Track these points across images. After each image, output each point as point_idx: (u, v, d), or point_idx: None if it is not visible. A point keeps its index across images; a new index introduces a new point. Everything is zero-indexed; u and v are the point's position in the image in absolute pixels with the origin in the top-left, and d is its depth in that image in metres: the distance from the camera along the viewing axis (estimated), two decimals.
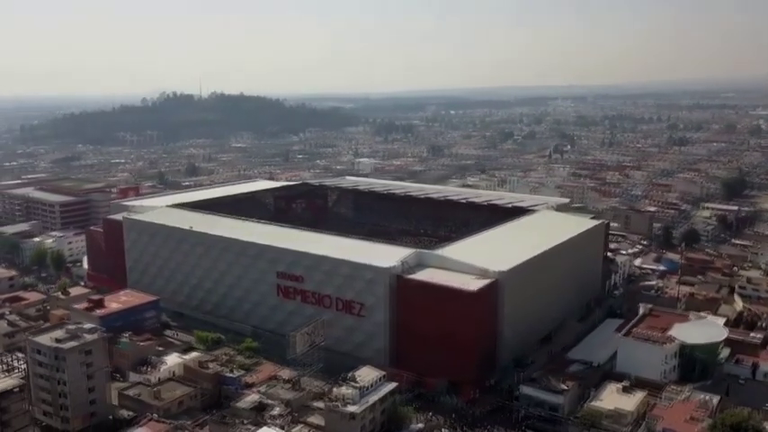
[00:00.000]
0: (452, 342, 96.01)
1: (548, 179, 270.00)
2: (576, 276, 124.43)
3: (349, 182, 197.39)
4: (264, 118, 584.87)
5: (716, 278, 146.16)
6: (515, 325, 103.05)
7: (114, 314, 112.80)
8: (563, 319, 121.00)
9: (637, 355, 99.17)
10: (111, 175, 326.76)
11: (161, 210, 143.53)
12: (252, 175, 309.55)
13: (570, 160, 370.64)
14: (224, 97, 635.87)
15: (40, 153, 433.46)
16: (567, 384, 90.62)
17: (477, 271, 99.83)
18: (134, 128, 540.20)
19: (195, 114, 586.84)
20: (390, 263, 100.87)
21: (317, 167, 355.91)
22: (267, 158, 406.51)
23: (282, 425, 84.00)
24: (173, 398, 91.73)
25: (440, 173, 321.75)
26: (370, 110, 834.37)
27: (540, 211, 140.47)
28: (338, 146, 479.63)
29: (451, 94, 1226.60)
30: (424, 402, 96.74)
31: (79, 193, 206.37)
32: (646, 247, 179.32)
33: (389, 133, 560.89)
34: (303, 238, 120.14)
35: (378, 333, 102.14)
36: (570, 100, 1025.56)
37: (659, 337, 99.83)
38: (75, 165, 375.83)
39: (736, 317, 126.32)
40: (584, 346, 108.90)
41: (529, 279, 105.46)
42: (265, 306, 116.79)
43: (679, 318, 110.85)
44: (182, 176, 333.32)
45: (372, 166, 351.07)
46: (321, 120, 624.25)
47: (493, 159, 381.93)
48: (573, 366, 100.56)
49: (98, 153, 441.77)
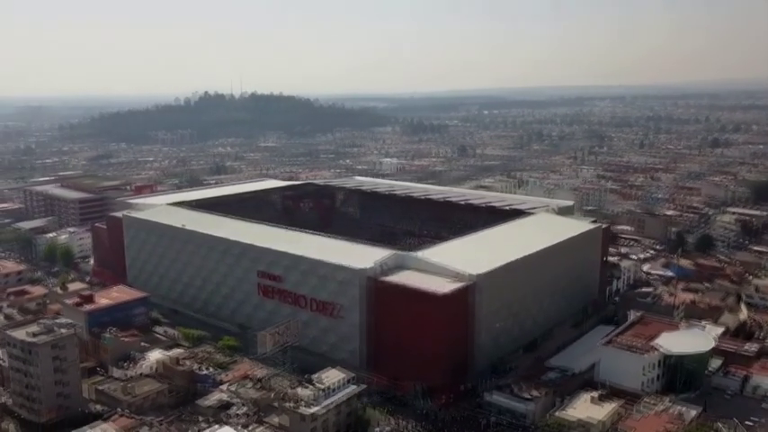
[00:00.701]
0: (423, 345, 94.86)
1: (566, 181, 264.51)
2: (570, 281, 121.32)
3: (357, 182, 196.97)
4: (295, 118, 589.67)
5: (723, 285, 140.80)
6: (493, 329, 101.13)
7: (102, 310, 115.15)
8: (553, 324, 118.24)
9: (617, 364, 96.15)
10: (138, 173, 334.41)
11: (161, 208, 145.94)
12: (274, 175, 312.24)
13: (599, 162, 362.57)
14: (257, 97, 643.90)
15: (75, 151, 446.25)
16: (536, 392, 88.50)
17: (453, 274, 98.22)
18: (169, 127, 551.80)
19: (228, 114, 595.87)
20: (365, 264, 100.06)
21: (339, 167, 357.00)
22: (293, 158, 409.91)
23: (244, 424, 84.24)
24: (143, 394, 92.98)
25: (460, 173, 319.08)
26: (406, 110, 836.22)
27: (538, 214, 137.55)
28: (366, 146, 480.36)
29: (491, 93, 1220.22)
30: (397, 406, 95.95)
31: (97, 190, 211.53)
32: (658, 253, 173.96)
33: (420, 133, 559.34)
34: (289, 237, 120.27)
35: (352, 335, 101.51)
36: (609, 100, 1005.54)
37: (641, 346, 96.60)
38: (107, 162, 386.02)
39: (738, 326, 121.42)
40: (568, 353, 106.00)
41: (510, 283, 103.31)
42: (249, 305, 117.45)
43: (669, 326, 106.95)
44: (207, 175, 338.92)
45: (395, 166, 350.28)
46: (352, 120, 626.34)
47: (519, 160, 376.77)
48: (550, 374, 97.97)
49: (131, 151, 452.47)
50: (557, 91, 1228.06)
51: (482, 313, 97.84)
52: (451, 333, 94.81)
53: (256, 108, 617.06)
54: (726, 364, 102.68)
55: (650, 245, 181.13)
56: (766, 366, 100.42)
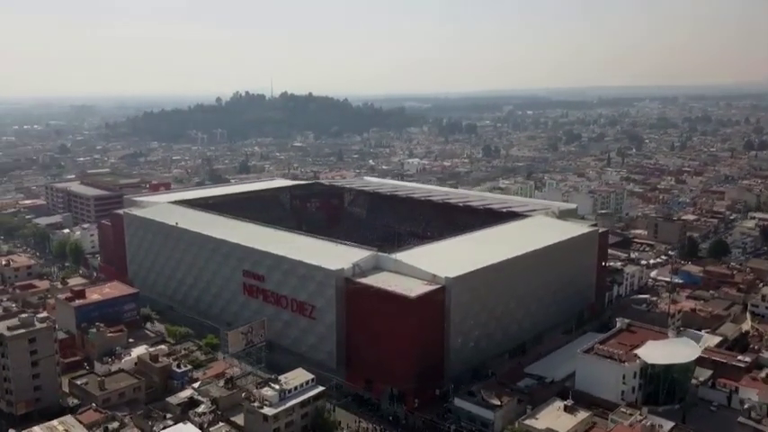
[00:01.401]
0: (394, 348, 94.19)
1: (584, 184, 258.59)
2: (562, 285, 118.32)
3: (364, 183, 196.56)
4: (328, 118, 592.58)
5: (729, 294, 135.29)
6: (470, 333, 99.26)
7: (91, 305, 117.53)
8: (544, 329, 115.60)
9: (595, 373, 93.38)
10: (165, 171, 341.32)
11: (161, 206, 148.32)
12: (296, 175, 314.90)
13: (630, 164, 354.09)
14: (292, 97, 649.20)
15: (110, 149, 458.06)
16: (502, 399, 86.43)
17: (428, 276, 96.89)
18: (205, 126, 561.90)
19: (263, 113, 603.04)
20: (340, 265, 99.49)
21: (363, 167, 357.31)
22: (321, 158, 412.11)
23: (204, 422, 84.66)
24: (116, 389, 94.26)
25: (482, 174, 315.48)
26: (442, 110, 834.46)
27: (534, 217, 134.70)
28: (395, 146, 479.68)
29: (535, 93, 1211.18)
30: (368, 409, 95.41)
31: (114, 187, 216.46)
32: (670, 258, 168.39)
33: (451, 134, 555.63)
34: (276, 237, 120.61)
35: (328, 336, 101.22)
36: (659, 101, 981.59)
37: (620, 355, 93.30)
38: (140, 160, 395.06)
39: (738, 337, 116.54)
40: (549, 360, 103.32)
41: (489, 286, 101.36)
42: (235, 303, 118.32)
43: (657, 335, 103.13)
44: (232, 174, 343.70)
45: (419, 166, 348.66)
46: (384, 120, 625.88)
47: (546, 162, 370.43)
48: (523, 381, 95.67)
49: (164, 150, 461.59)
50: (603, 91, 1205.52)
51: (456, 317, 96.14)
52: (423, 336, 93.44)
53: (290, 108, 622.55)
54: (715, 375, 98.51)
55: (663, 250, 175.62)
56: (757, 379, 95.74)
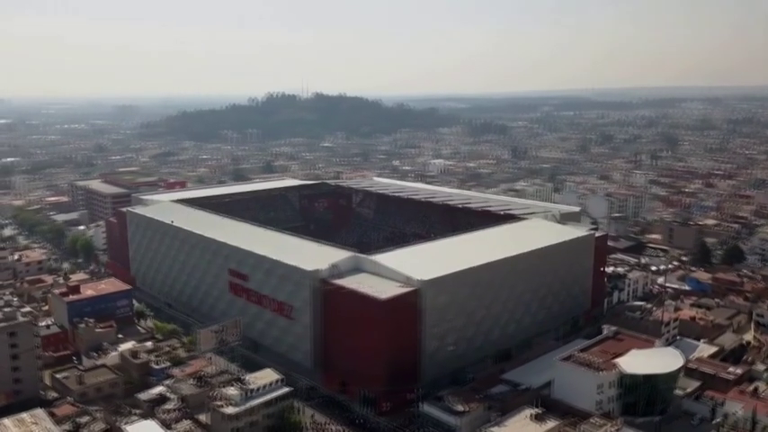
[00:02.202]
0: (365, 350, 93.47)
1: (603, 186, 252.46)
2: (552, 290, 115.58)
3: (374, 184, 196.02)
4: (361, 118, 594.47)
5: (736, 302, 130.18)
6: (446, 338, 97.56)
7: (84, 300, 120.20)
8: (533, 335, 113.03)
9: (572, 381, 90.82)
10: (192, 170, 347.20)
11: (163, 204, 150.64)
12: (319, 175, 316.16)
13: (659, 167, 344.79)
14: (324, 98, 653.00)
15: (144, 148, 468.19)
16: (467, 406, 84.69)
17: (403, 279, 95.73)
18: (239, 126, 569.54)
19: (295, 114, 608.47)
20: (317, 266, 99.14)
21: (387, 168, 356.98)
22: (347, 158, 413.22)
23: (172, 419, 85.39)
24: (93, 384, 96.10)
25: (504, 176, 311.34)
26: (482, 110, 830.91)
27: (530, 219, 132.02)
28: (423, 146, 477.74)
29: (579, 94, 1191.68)
30: (340, 410, 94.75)
31: (131, 185, 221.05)
32: (682, 264, 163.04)
33: (482, 134, 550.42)
34: (264, 237, 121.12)
35: (304, 336, 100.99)
36: (704, 102, 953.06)
37: (598, 364, 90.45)
38: (170, 159, 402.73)
39: (737, 347, 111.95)
40: (529, 367, 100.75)
41: (468, 289, 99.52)
42: (223, 302, 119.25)
43: (644, 343, 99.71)
44: (258, 173, 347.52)
45: (442, 167, 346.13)
46: (417, 120, 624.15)
47: (573, 164, 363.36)
48: (497, 387, 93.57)
49: (195, 149, 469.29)
50: (648, 92, 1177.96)
51: (430, 320, 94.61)
52: (394, 339, 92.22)
53: (322, 109, 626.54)
54: (703, 387, 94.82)
55: (677, 255, 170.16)
56: (745, 392, 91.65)
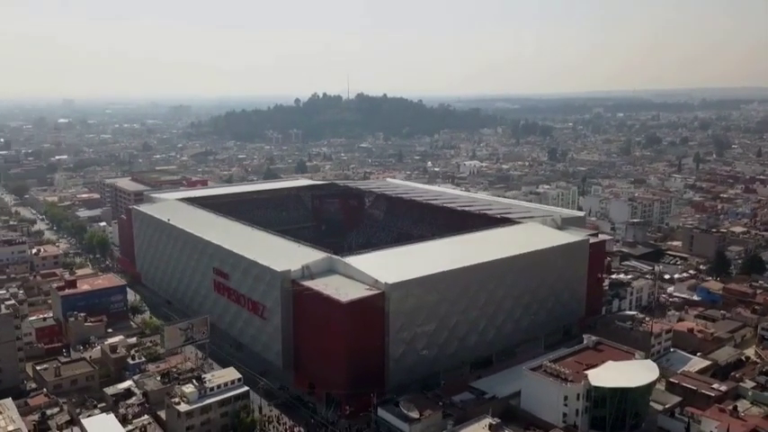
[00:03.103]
0: (329, 352, 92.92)
1: (629, 190, 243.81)
2: (539, 297, 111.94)
3: (386, 185, 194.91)
4: (402, 119, 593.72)
5: (743, 315, 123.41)
6: (415, 343, 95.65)
7: (78, 295, 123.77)
8: (516, 343, 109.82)
9: (539, 392, 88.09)
10: (227, 169, 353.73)
11: (168, 202, 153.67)
12: (347, 175, 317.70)
13: (702, 170, 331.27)
14: (366, 98, 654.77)
15: (186, 147, 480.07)
16: (424, 413, 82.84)
17: (372, 281, 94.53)
18: (282, 126, 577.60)
19: (338, 114, 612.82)
20: (288, 266, 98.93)
21: (418, 169, 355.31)
22: (382, 159, 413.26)
23: (133, 414, 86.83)
24: (68, 376, 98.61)
25: (535, 178, 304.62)
26: (531, 111, 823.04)
27: (525, 223, 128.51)
28: (462, 147, 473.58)
29: (636, 95, 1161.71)
30: (306, 412, 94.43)
31: (155, 183, 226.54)
32: (699, 273, 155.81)
33: (524, 135, 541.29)
34: (249, 236, 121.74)
35: (276, 336, 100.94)
36: (759, 103, 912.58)
37: (566, 375, 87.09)
38: (208, 159, 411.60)
39: (734, 362, 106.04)
40: (503, 376, 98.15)
41: (440, 294, 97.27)
42: (209, 300, 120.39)
43: (624, 355, 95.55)
44: (290, 173, 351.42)
45: (473, 169, 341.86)
46: (459, 121, 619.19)
47: (611, 167, 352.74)
48: (461, 395, 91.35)
49: (239, 148, 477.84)
50: (710, 93, 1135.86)
51: (396, 324, 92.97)
52: (357, 342, 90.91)
53: (365, 109, 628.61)
54: (683, 403, 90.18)
55: (695, 264, 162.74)
56: (724, 410, 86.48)
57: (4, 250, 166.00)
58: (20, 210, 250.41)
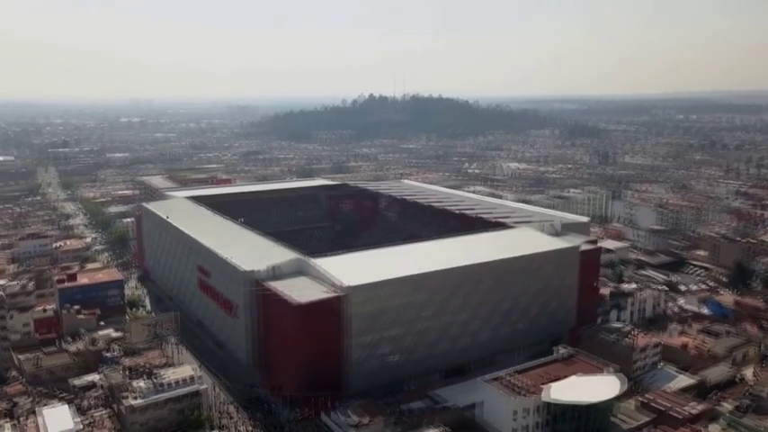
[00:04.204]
0: (287, 354, 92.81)
1: (658, 195, 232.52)
2: (520, 304, 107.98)
3: (399, 186, 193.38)
4: (452, 120, 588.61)
5: (749, 331, 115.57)
6: (378, 347, 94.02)
7: (75, 288, 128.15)
8: (496, 352, 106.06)
9: (495, 404, 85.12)
10: (266, 168, 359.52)
11: (176, 200, 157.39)
12: (384, 176, 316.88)
13: (757, 176, 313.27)
14: (418, 99, 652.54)
15: (235, 147, 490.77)
16: (371, 419, 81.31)
17: (333, 283, 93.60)
18: (332, 127, 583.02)
19: (388, 115, 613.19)
20: (254, 266, 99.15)
21: (454, 170, 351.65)
22: (423, 160, 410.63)
23: (89, 406, 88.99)
24: (45, 366, 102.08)
25: (572, 182, 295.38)
26: (591, 113, 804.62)
27: (517, 228, 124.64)
28: (509, 149, 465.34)
29: (707, 96, 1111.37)
30: (264, 412, 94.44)
31: (184, 181, 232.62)
32: (719, 285, 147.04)
33: (577, 137, 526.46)
34: (235, 235, 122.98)
35: (244, 335, 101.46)
36: None
37: (524, 388, 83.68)
38: (252, 158, 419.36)
39: (726, 381, 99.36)
40: (468, 385, 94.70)
41: (406, 298, 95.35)
42: (196, 296, 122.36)
43: (595, 369, 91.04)
44: (327, 173, 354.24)
45: (512, 171, 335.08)
46: (510, 122, 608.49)
47: (658, 170, 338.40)
48: (417, 403, 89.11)
49: (287, 148, 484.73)
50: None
51: (357, 328, 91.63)
52: (314, 345, 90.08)
53: (416, 110, 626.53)
54: (655, 422, 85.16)
55: (717, 275, 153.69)
56: None
57: (29, 243, 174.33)
58: (67, 204, 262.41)
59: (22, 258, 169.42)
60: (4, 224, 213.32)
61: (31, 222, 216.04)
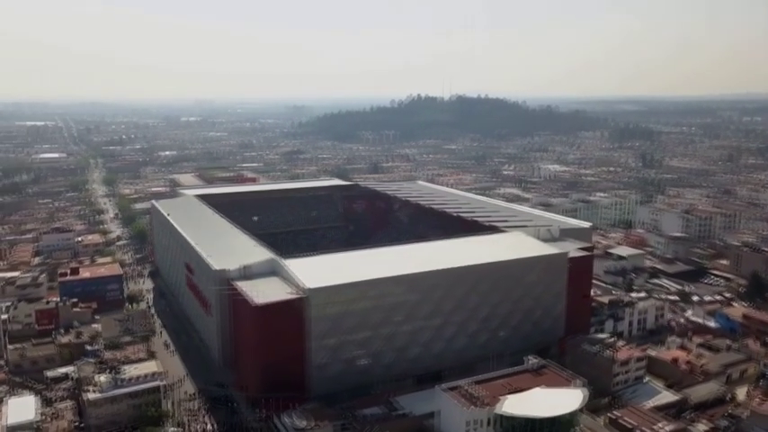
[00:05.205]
0: (249, 354, 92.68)
1: (688, 201, 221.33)
2: (500, 311, 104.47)
3: (408, 187, 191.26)
4: (498, 120, 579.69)
5: (751, 348, 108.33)
6: (341, 351, 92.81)
7: (75, 282, 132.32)
8: (475, 359, 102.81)
9: (450, 413, 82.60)
10: (303, 168, 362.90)
11: (185, 198, 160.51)
12: (416, 177, 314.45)
13: None
14: (464, 99, 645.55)
15: (281, 146, 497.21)
16: (314, 423, 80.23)
17: (298, 285, 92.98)
18: (378, 127, 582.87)
19: (433, 116, 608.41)
20: (226, 266, 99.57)
21: (489, 172, 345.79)
22: (462, 161, 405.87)
23: (56, 397, 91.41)
24: (30, 357, 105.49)
25: (606, 185, 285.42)
26: (651, 114, 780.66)
27: (509, 233, 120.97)
28: (555, 150, 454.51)
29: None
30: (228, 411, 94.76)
31: (212, 179, 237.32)
32: (736, 297, 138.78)
33: (626, 139, 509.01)
34: (223, 234, 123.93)
35: (216, 334, 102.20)
36: None
37: (481, 399, 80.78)
38: (293, 158, 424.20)
39: (713, 400, 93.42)
40: (432, 393, 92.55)
41: (372, 302, 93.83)
42: (185, 294, 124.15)
43: (564, 381, 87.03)
44: (364, 173, 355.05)
45: (548, 173, 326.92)
46: (559, 123, 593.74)
47: (704, 175, 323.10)
48: (372, 409, 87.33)
49: (330, 149, 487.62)
50: None
51: (318, 331, 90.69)
52: (272, 346, 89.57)
53: (462, 110, 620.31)
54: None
55: (737, 286, 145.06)
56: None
57: (53, 237, 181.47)
58: (104, 200, 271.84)
59: (45, 251, 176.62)
60: (39, 218, 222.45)
61: (64, 217, 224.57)
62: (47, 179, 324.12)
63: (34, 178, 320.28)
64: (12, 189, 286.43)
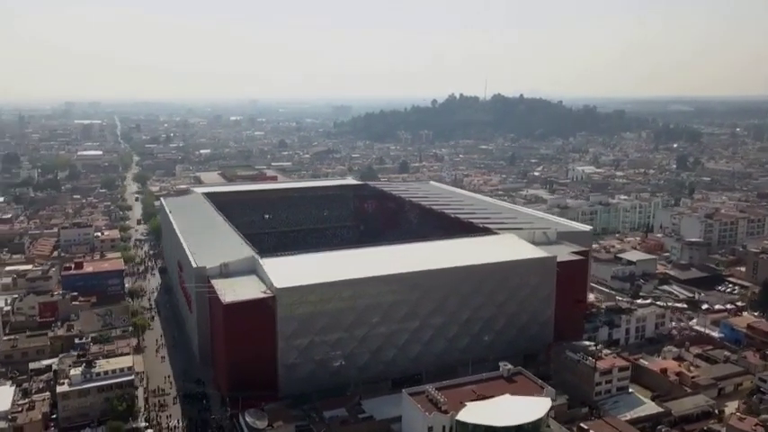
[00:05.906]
0: (220, 352, 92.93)
1: (710, 205, 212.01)
2: (481, 315, 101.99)
3: (423, 187, 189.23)
4: (537, 120, 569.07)
5: (749, 360, 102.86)
6: (312, 351, 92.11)
7: (77, 276, 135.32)
8: (454, 363, 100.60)
9: (412, 418, 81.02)
10: (332, 167, 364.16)
11: (192, 196, 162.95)
12: (440, 177, 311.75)
13: None
14: (502, 99, 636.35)
15: (318, 145, 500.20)
16: (273, 424, 79.77)
17: (271, 284, 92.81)
18: (416, 127, 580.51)
19: (471, 115, 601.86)
20: (205, 263, 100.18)
21: (517, 173, 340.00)
22: (493, 161, 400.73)
23: (36, 388, 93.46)
24: (20, 348, 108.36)
25: (631, 187, 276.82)
26: (701, 114, 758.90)
27: (500, 235, 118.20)
28: (590, 152, 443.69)
29: None
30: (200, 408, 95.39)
31: (233, 178, 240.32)
32: (748, 305, 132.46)
33: (668, 141, 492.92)
34: (214, 233, 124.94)
35: (195, 330, 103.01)
36: None
37: (443, 404, 78.91)
38: (324, 157, 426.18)
39: (699, 413, 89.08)
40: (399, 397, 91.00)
41: (345, 302, 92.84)
42: (178, 292, 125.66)
43: (536, 389, 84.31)
44: (392, 172, 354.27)
45: (578, 174, 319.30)
46: (601, 123, 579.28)
47: (745, 178, 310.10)
48: (337, 411, 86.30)
49: (365, 148, 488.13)
50: None
51: (287, 331, 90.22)
52: (240, 345, 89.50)
53: (500, 110, 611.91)
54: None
55: (752, 294, 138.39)
56: None
57: (73, 232, 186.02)
58: (134, 197, 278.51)
59: (64, 246, 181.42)
60: (66, 213, 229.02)
61: (92, 212, 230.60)
62: (84, 176, 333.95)
63: (70, 175, 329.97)
64: (49, 185, 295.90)
